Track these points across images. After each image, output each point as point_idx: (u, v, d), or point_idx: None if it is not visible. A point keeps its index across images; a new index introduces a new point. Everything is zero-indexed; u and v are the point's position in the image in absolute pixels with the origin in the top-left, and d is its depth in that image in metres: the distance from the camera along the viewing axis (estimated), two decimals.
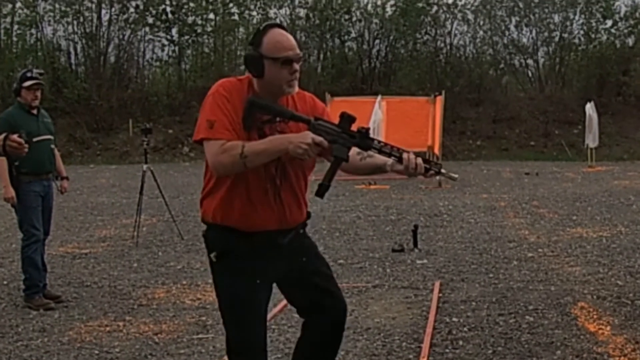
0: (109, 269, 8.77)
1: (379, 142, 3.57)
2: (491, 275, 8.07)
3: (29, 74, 7.14)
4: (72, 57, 31.87)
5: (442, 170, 3.60)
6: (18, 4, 30.65)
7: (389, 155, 3.55)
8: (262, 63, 3.47)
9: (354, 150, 3.55)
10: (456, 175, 3.75)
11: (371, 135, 3.56)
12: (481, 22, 32.13)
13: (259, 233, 3.54)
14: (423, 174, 3.56)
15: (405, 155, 3.53)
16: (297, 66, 3.54)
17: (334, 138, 3.47)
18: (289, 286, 3.81)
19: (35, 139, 6.98)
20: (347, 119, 3.53)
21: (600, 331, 5.95)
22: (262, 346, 3.66)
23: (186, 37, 31.59)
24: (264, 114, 3.49)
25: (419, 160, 3.55)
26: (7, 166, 6.95)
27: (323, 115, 3.69)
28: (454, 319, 6.39)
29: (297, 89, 3.63)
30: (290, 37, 3.54)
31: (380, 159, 3.62)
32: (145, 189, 10.72)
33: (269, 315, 4.39)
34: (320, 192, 3.51)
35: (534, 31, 31.92)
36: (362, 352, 5.55)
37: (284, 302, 5.07)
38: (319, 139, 3.41)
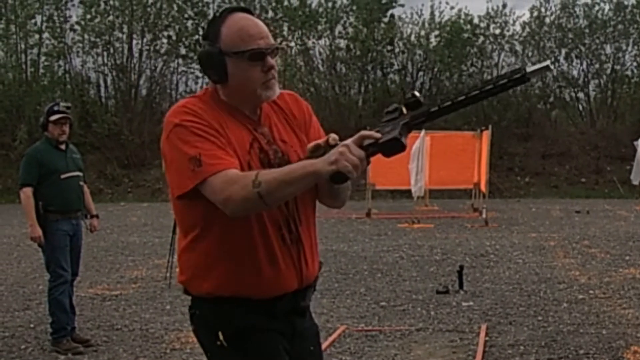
0: (140, 311, 8.62)
1: (433, 104, 2.64)
2: (540, 318, 7.90)
3: (55, 108, 7.06)
4: (102, 89, 31.66)
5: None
6: (45, 35, 30.59)
7: (457, 104, 2.59)
8: (224, 62, 2.64)
9: None
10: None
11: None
12: (529, 54, 31.83)
13: (279, 298, 2.76)
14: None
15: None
16: (272, 61, 2.68)
17: (380, 129, 2.61)
18: None
19: (63, 176, 6.92)
20: (392, 111, 2.65)
21: None
22: None
23: None
24: None
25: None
26: (34, 204, 6.83)
27: (308, 116, 2.92)
28: None
29: (278, 91, 2.76)
30: (259, 22, 2.72)
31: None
32: None
33: None
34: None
35: (584, 63, 31.62)
36: None
37: None
38: (357, 135, 2.55)
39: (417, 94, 2.63)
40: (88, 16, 30.11)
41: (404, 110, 2.64)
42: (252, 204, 2.54)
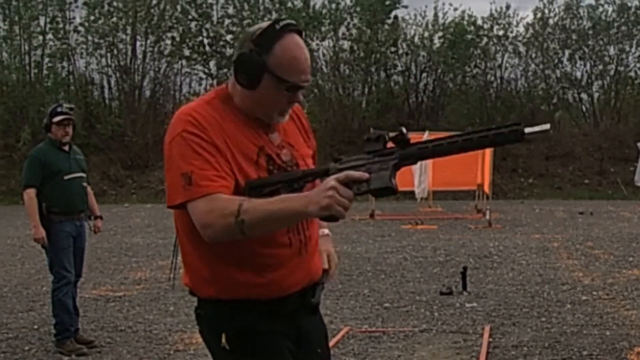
0: (144, 312, 8.62)
1: (427, 140, 2.57)
2: (543, 319, 7.88)
3: (59, 109, 7.06)
4: (106, 91, 31.60)
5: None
6: (49, 36, 30.51)
7: (449, 148, 2.53)
8: (262, 75, 2.60)
9: None
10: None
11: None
12: (533, 55, 31.81)
13: (284, 298, 2.74)
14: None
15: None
16: (301, 97, 2.71)
17: (367, 167, 2.54)
18: None
19: (66, 177, 6.92)
20: (375, 138, 2.57)
21: None
22: None
23: (225, 70, 31.27)
24: (266, 193, 2.61)
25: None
26: (37, 205, 6.82)
27: (309, 132, 2.92)
28: None
29: (287, 118, 2.77)
30: (307, 55, 2.67)
31: None
32: None
33: None
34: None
35: (588, 64, 31.55)
36: None
37: None
38: (343, 174, 2.47)
39: (404, 130, 2.57)
40: (92, 17, 30.03)
41: (387, 139, 2.56)
42: (233, 235, 2.53)
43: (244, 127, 2.70)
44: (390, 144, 2.56)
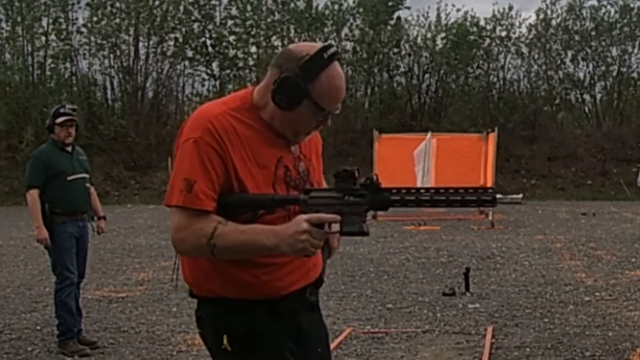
0: (147, 313, 8.60)
1: (399, 189, 2.62)
2: (546, 320, 7.87)
3: (61, 110, 7.04)
4: (109, 92, 31.59)
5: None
6: (52, 37, 30.47)
7: (420, 202, 2.59)
8: (302, 100, 2.61)
9: None
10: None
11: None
12: (536, 56, 31.76)
13: (283, 298, 2.74)
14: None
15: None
16: (329, 122, 2.76)
17: (338, 208, 2.58)
18: None
19: (69, 178, 6.92)
20: (345, 175, 2.61)
21: None
22: None
23: (227, 71, 31.29)
24: (237, 213, 2.63)
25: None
26: (40, 206, 6.81)
27: (320, 149, 2.95)
28: None
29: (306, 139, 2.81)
30: (344, 84, 2.71)
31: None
32: None
33: None
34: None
35: (590, 65, 31.50)
36: None
37: None
38: (316, 217, 2.54)
39: (375, 177, 2.63)
40: (94, 18, 30.02)
41: (357, 176, 2.62)
42: (203, 255, 2.61)
43: (265, 139, 2.70)
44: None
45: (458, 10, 37.28)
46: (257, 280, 2.69)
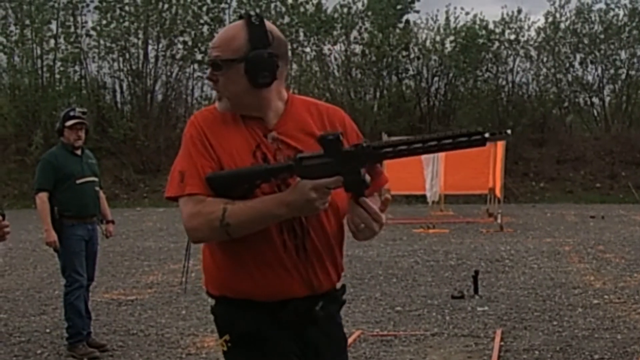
0: (156, 316, 8.61)
1: (386, 144, 2.59)
2: (555, 323, 7.87)
3: (71, 113, 7.06)
4: (118, 95, 31.48)
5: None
6: (61, 40, 30.41)
7: (412, 150, 2.55)
8: (277, 64, 2.70)
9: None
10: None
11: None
12: (544, 59, 31.67)
13: (285, 303, 2.71)
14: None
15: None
16: (218, 79, 2.85)
17: (334, 169, 2.54)
18: None
19: (78, 181, 6.94)
20: (330, 140, 2.55)
21: None
22: None
23: None
24: (232, 188, 2.64)
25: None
26: (50, 209, 6.82)
27: (344, 125, 2.93)
28: None
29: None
30: (223, 33, 2.98)
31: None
32: None
33: None
34: None
35: (599, 68, 31.38)
36: None
37: None
38: (321, 183, 2.53)
39: (364, 141, 2.63)
40: (104, 22, 29.98)
41: (342, 138, 2.58)
42: (219, 238, 2.64)
43: (240, 128, 2.76)
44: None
45: (467, 13, 37.38)
46: (254, 281, 2.68)
